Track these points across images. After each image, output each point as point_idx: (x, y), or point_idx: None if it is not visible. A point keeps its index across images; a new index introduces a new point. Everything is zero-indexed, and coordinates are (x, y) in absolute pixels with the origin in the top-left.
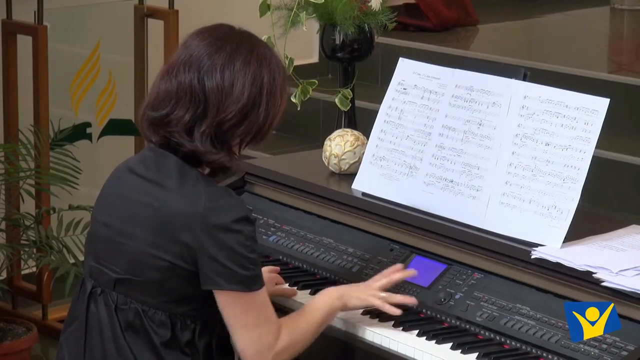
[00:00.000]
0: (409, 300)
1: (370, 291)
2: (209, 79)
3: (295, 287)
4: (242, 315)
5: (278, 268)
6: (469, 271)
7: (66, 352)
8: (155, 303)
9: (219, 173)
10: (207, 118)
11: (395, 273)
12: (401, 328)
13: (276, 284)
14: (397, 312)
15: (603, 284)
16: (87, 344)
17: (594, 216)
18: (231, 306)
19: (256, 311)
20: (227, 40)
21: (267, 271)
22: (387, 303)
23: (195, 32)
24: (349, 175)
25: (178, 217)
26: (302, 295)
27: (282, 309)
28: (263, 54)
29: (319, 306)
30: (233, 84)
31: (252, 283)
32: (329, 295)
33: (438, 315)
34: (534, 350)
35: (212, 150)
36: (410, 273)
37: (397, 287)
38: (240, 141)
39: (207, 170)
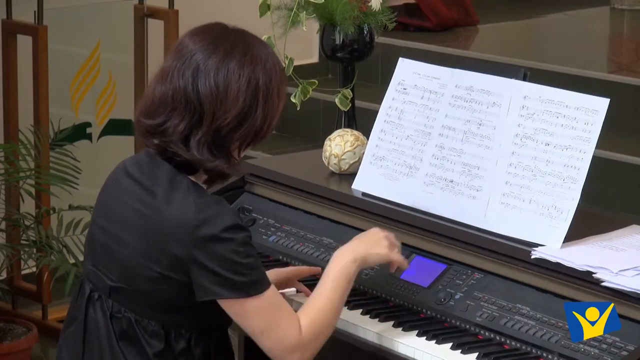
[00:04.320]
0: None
1: (385, 242)
2: (203, 84)
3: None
4: (254, 322)
5: (319, 269)
6: (469, 271)
7: (65, 354)
8: (147, 313)
9: (217, 180)
10: (203, 126)
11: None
12: (401, 328)
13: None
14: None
15: (603, 284)
16: (86, 345)
17: (594, 216)
18: (240, 315)
19: (267, 314)
20: (221, 43)
21: (292, 270)
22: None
23: (189, 33)
24: (349, 175)
25: (166, 228)
26: (302, 296)
27: None
28: (258, 55)
29: (334, 278)
30: (228, 89)
31: (251, 288)
32: (342, 262)
33: (438, 315)
34: (534, 350)
35: (210, 158)
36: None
37: (396, 287)
38: (239, 145)
39: (204, 178)
